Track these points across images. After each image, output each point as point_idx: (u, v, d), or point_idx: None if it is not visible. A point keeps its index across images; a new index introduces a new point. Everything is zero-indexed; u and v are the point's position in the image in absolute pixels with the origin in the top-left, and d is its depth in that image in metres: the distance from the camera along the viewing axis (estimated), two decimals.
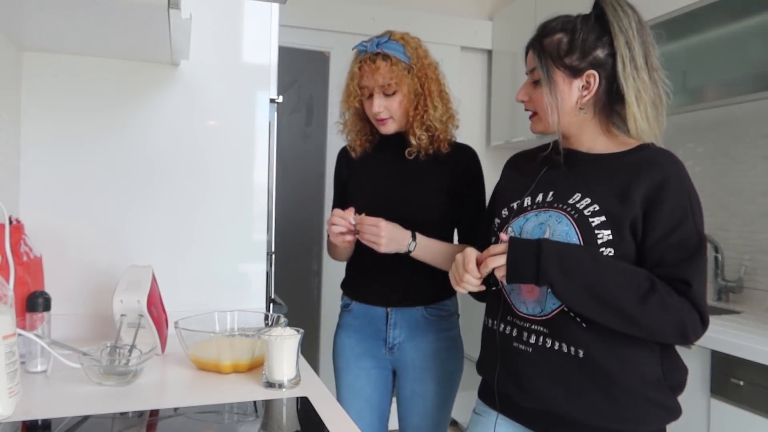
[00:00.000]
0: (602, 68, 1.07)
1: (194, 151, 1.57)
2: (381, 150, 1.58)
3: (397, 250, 1.40)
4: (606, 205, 1.03)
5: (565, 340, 1.05)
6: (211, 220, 1.58)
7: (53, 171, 1.46)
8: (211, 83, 1.58)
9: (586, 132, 1.12)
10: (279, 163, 1.71)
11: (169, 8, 1.03)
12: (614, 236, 1.02)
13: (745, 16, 1.86)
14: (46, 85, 1.45)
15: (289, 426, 0.99)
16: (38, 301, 1.18)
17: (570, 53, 1.07)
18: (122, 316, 1.23)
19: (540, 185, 1.15)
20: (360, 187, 1.58)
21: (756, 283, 2.14)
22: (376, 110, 1.46)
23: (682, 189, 1.03)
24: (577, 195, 1.07)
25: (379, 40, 1.47)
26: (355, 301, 1.59)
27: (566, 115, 1.10)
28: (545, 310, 1.07)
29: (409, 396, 1.56)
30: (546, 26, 1.11)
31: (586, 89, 1.08)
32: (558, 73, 1.08)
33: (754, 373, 1.50)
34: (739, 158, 2.22)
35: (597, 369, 1.03)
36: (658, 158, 1.06)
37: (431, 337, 1.53)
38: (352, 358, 1.59)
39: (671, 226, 1.01)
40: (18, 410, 0.96)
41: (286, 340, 1.10)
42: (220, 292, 1.58)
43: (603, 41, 1.07)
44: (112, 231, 1.50)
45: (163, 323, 1.34)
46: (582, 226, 1.03)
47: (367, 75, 1.46)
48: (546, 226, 1.07)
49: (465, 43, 3.34)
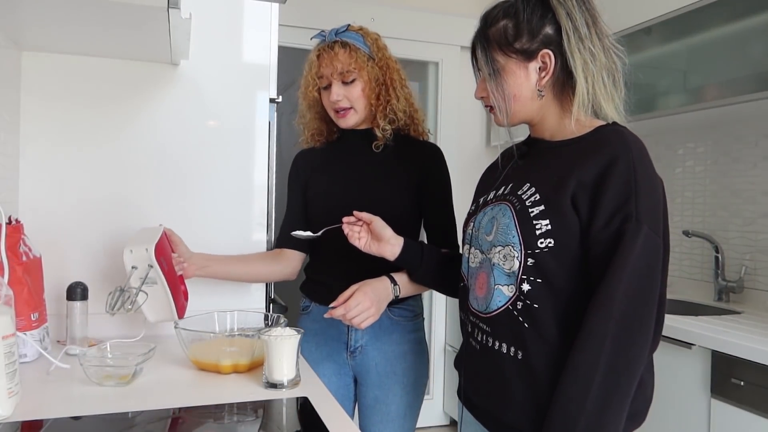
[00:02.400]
0: (554, 45, 1.01)
1: (194, 151, 1.57)
2: (340, 150, 1.53)
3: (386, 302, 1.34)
4: (546, 194, 0.98)
5: (505, 340, 1.02)
6: (211, 220, 1.58)
7: (53, 171, 1.46)
8: (211, 83, 1.58)
9: (547, 117, 1.07)
10: (279, 163, 1.71)
11: (168, 8, 1.03)
12: (553, 226, 0.96)
13: (746, 15, 1.86)
14: (46, 85, 1.45)
15: (289, 426, 0.99)
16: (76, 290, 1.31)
17: (518, 37, 1.02)
18: (133, 269, 1.24)
19: (504, 179, 1.12)
20: (321, 189, 1.51)
21: (756, 283, 2.14)
22: (335, 98, 1.40)
23: (627, 171, 0.93)
24: (527, 185, 1.03)
25: (338, 29, 1.44)
26: (314, 303, 1.52)
27: (527, 101, 1.05)
28: (489, 308, 1.04)
29: (371, 404, 1.47)
30: (488, 16, 1.06)
31: (544, 70, 1.03)
32: (511, 60, 1.03)
33: (754, 373, 1.50)
34: (740, 158, 2.21)
35: (533, 372, 0.99)
36: (606, 139, 0.98)
37: (396, 339, 1.47)
38: (311, 363, 1.48)
39: (611, 213, 0.93)
40: (18, 410, 0.95)
41: (286, 340, 1.10)
42: (219, 293, 1.58)
43: (548, 18, 1.01)
44: (112, 231, 1.50)
45: (177, 283, 1.35)
46: (521, 218, 0.99)
47: (325, 62, 1.40)
48: (495, 220, 1.05)
49: (465, 43, 3.29)
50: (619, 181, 0.93)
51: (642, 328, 0.92)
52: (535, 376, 0.99)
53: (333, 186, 1.50)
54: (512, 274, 1.00)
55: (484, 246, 1.07)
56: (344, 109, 1.43)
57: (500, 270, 1.02)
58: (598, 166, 0.95)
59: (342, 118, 1.44)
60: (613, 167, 0.94)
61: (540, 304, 0.98)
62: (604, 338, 0.90)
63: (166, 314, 1.31)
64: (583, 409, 0.90)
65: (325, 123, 1.53)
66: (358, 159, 1.49)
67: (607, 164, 0.94)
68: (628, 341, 0.91)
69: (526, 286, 0.99)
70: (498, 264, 1.02)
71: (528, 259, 0.98)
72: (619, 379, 0.91)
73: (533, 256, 0.98)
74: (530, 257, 0.98)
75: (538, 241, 0.97)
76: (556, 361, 0.96)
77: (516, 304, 1.00)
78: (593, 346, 0.91)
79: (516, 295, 1.00)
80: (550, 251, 0.97)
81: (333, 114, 1.46)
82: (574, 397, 0.91)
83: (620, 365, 0.91)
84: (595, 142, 0.99)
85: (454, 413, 3.10)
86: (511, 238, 1.00)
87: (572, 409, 0.91)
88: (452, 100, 3.32)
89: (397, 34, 2.90)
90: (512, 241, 1.00)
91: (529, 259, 0.98)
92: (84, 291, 1.32)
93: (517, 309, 1.00)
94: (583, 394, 0.90)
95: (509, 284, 1.01)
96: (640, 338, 0.92)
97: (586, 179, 0.95)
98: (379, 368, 1.46)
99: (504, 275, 1.01)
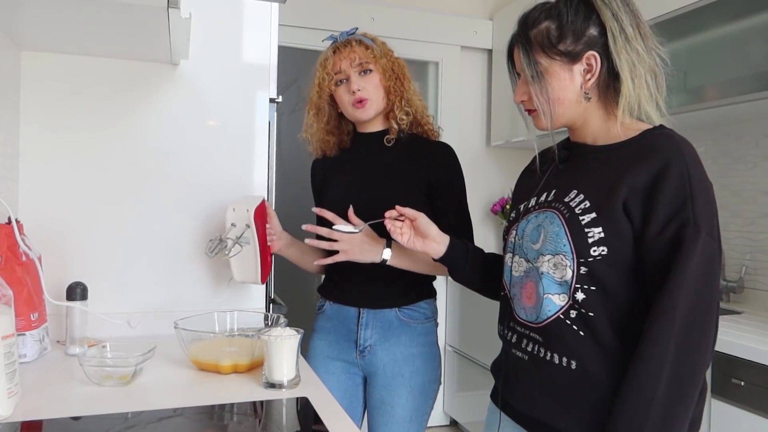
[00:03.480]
0: (599, 47, 1.00)
1: (194, 151, 1.57)
2: (353, 154, 1.55)
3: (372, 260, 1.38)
4: (597, 201, 0.97)
5: (557, 350, 1.01)
6: (211, 220, 1.58)
7: (53, 170, 1.46)
8: (211, 83, 1.58)
9: (591, 121, 1.06)
10: (279, 163, 1.71)
11: (168, 8, 1.03)
12: (606, 234, 0.95)
13: (746, 16, 1.86)
14: (46, 85, 1.45)
15: (289, 426, 0.99)
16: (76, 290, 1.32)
17: (562, 39, 1.00)
18: (232, 225, 1.37)
19: (546, 185, 1.10)
20: (335, 193, 1.54)
21: (756, 283, 2.14)
22: (355, 87, 1.43)
23: (681, 176, 0.92)
24: (574, 192, 1.01)
25: (349, 31, 1.48)
26: (328, 302, 1.55)
27: (571, 104, 1.03)
28: (540, 317, 1.03)
29: (377, 405, 1.48)
30: (527, 18, 1.05)
31: (589, 72, 1.01)
32: (555, 63, 1.01)
33: (754, 373, 1.50)
34: (740, 158, 2.21)
35: (590, 381, 0.98)
36: (657, 143, 0.97)
37: (405, 341, 1.47)
38: (321, 361, 1.53)
39: (667, 218, 0.92)
40: (17, 410, 0.95)
41: (285, 341, 1.10)
42: (220, 292, 1.58)
43: (592, 20, 1.00)
44: (111, 231, 1.50)
45: (266, 251, 1.45)
46: (572, 225, 0.98)
47: (343, 56, 1.45)
48: (541, 228, 1.03)
49: (465, 42, 3.34)
50: (673, 186, 0.92)
51: (704, 335, 0.91)
52: (592, 385, 0.98)
53: (347, 190, 1.51)
54: (564, 283, 0.99)
55: (529, 254, 1.06)
56: (363, 100, 1.45)
57: (550, 279, 1.01)
58: (650, 171, 0.94)
59: (361, 108, 1.45)
60: (666, 172, 0.92)
61: (595, 312, 0.98)
62: (668, 346, 0.89)
63: (251, 276, 1.43)
64: (647, 420, 0.89)
65: (333, 134, 1.55)
66: (371, 161, 1.51)
67: (659, 169, 0.93)
68: (691, 348, 0.90)
69: (580, 294, 0.98)
70: (547, 273, 1.01)
71: (581, 268, 0.97)
72: (683, 387, 0.90)
73: (586, 264, 0.97)
74: (583, 266, 0.97)
75: (591, 250, 0.96)
76: (615, 368, 0.96)
77: (569, 313, 0.99)
78: (657, 355, 0.90)
79: (569, 303, 0.99)
80: (603, 259, 0.96)
81: (351, 108, 1.47)
82: (639, 407, 0.90)
83: (684, 373, 0.90)
84: (645, 146, 0.98)
85: (454, 413, 3.10)
86: (561, 247, 0.98)
87: (638, 421, 0.90)
88: (452, 100, 3.32)
89: (397, 34, 2.90)
90: (563, 249, 0.98)
91: (581, 267, 0.97)
92: (84, 291, 1.32)
93: (570, 318, 0.99)
94: (648, 403, 0.89)
95: (561, 293, 1.00)
96: (702, 345, 0.91)
97: (637, 185, 0.94)
98: (387, 369, 1.47)
99: (555, 284, 1.00)
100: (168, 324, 1.35)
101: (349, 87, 1.44)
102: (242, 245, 1.39)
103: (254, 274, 1.42)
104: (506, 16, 3.27)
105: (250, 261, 1.41)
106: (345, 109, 1.48)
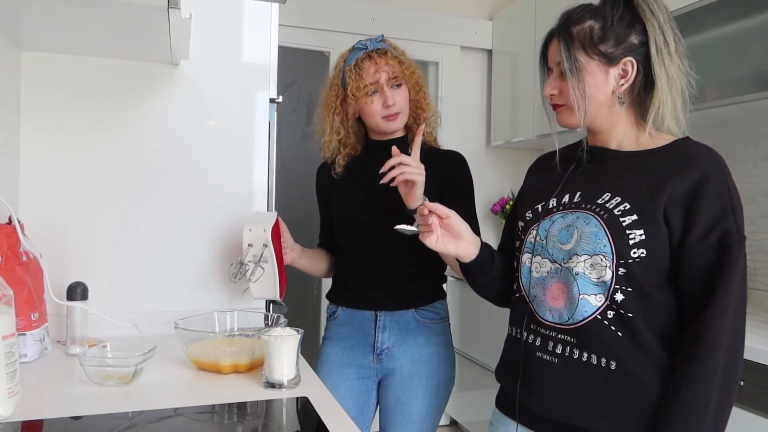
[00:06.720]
0: (637, 55, 1.02)
1: (194, 151, 1.57)
2: (363, 160, 1.54)
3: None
4: (638, 204, 0.99)
5: (595, 351, 1.00)
6: (211, 220, 1.58)
7: (53, 170, 1.46)
8: (211, 83, 1.58)
9: (618, 125, 1.07)
10: (279, 163, 1.71)
11: (168, 8, 1.03)
12: (647, 236, 0.97)
13: (746, 16, 1.86)
14: (46, 85, 1.45)
15: (289, 426, 0.99)
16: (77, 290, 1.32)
17: (604, 40, 1.02)
18: (249, 246, 1.36)
19: (567, 186, 1.10)
20: (344, 199, 1.54)
21: (756, 283, 2.14)
22: (391, 101, 1.43)
23: (721, 186, 0.96)
24: (607, 194, 1.03)
25: (377, 38, 1.48)
26: (341, 307, 1.56)
27: (601, 106, 1.05)
28: (574, 318, 1.02)
29: (392, 404, 1.49)
30: (572, 14, 1.06)
31: (624, 77, 1.03)
32: (593, 62, 1.03)
33: (754, 373, 1.50)
34: (739, 158, 2.21)
35: (631, 381, 0.99)
36: (697, 153, 1.00)
37: (422, 341, 1.49)
38: (334, 368, 1.53)
39: (709, 225, 0.96)
40: (18, 410, 0.95)
41: (285, 340, 1.10)
42: (220, 292, 1.58)
43: (635, 28, 1.02)
44: (111, 231, 1.50)
45: (282, 265, 1.45)
46: (612, 227, 0.99)
47: (378, 67, 1.44)
48: (573, 228, 1.03)
49: (465, 43, 3.34)
50: (714, 194, 0.96)
51: (742, 340, 0.96)
52: (633, 385, 0.99)
53: (356, 195, 1.52)
54: (602, 284, 1.00)
55: (556, 255, 1.06)
56: (397, 114, 1.46)
57: (586, 279, 1.01)
58: (691, 179, 0.97)
59: (392, 121, 1.47)
60: (707, 181, 0.96)
61: (634, 313, 0.99)
62: (721, 351, 0.93)
63: (270, 292, 1.42)
64: (704, 424, 0.92)
65: (356, 137, 1.55)
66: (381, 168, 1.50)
67: (700, 178, 0.97)
68: (736, 353, 0.95)
69: (619, 295, 0.99)
70: (584, 273, 1.01)
71: (619, 269, 0.99)
72: (729, 389, 0.94)
73: (625, 265, 0.98)
74: (622, 267, 0.99)
75: (632, 251, 0.98)
76: (657, 369, 0.99)
77: (606, 314, 1.00)
78: (714, 360, 0.93)
79: (606, 304, 1.00)
80: (641, 261, 0.98)
81: (380, 119, 1.47)
82: (697, 411, 0.93)
83: (732, 376, 0.94)
84: (683, 155, 1.01)
85: (455, 413, 3.10)
86: (601, 248, 0.99)
87: (695, 425, 0.92)
88: (452, 100, 3.32)
89: (398, 34, 2.90)
90: (603, 250, 0.99)
91: (620, 269, 0.99)
92: (84, 291, 1.33)
93: (608, 318, 1.00)
94: (705, 408, 0.92)
95: (598, 294, 1.01)
96: (741, 347, 0.96)
97: (679, 192, 0.97)
98: (404, 370, 1.48)
99: (591, 285, 1.01)
100: (168, 324, 1.35)
101: (384, 99, 1.44)
102: (263, 267, 1.38)
103: (273, 289, 1.42)
104: (506, 17, 3.27)
105: (269, 278, 1.40)
106: (372, 118, 1.48)
